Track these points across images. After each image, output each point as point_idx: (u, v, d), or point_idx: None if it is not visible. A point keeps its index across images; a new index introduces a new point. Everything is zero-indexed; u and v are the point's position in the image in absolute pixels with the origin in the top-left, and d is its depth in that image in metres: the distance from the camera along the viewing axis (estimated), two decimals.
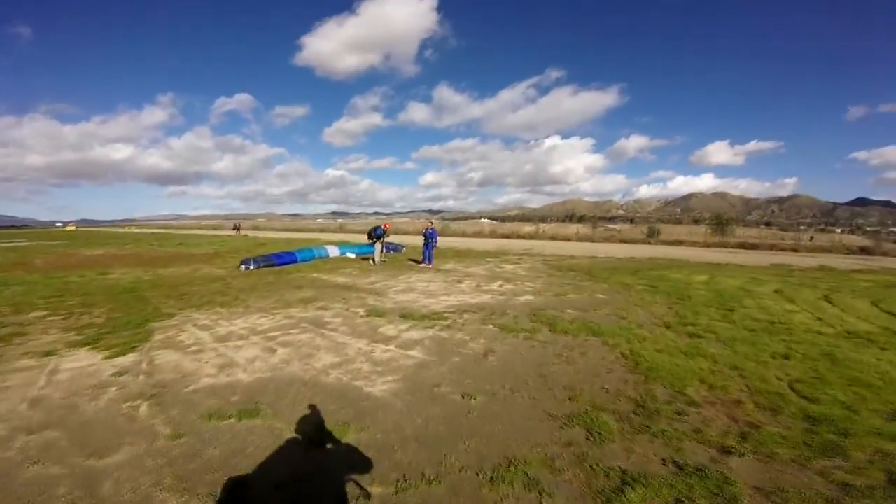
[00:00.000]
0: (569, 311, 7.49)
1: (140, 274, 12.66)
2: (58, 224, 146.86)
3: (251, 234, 45.32)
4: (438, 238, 14.96)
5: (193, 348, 5.51)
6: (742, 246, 27.44)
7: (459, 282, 10.63)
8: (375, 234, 14.94)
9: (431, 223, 15.10)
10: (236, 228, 46.55)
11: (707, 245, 28.67)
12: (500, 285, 10.15)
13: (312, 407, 3.76)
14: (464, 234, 39.11)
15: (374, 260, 14.90)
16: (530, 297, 8.65)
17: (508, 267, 13.99)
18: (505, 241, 31.90)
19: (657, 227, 37.89)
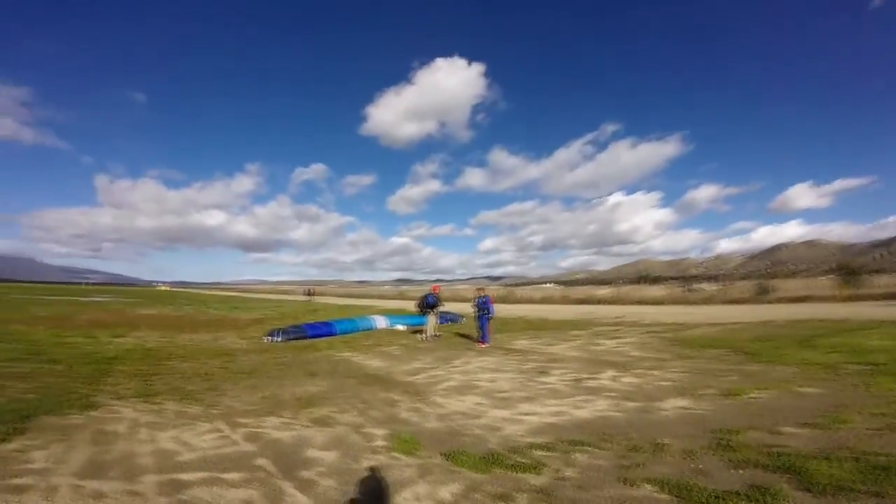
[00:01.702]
0: (790, 430, 3.68)
1: (156, 338, 11.16)
2: (156, 284, 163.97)
3: (320, 299, 43.63)
4: (494, 307, 11.14)
5: None
6: (893, 297, 20.87)
7: (543, 372, 6.99)
8: (427, 303, 11.90)
9: (481, 290, 11.59)
10: (309, 294, 44.91)
11: (844, 299, 22.28)
12: (614, 377, 6.38)
13: None
14: (531, 301, 34.89)
15: (425, 334, 11.75)
16: (683, 403, 4.85)
17: (609, 343, 10.08)
18: (583, 307, 27.37)
19: (768, 283, 31.01)
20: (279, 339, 11.06)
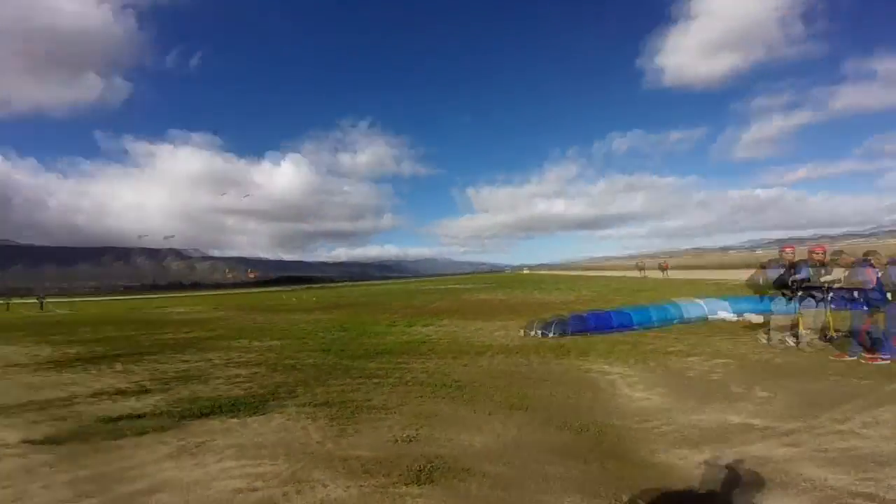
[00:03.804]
0: None
1: (451, 328, 11.50)
2: (522, 269, 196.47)
3: (671, 273, 35.99)
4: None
5: None
6: None
7: None
8: (781, 281, 6.68)
9: (867, 256, 5.25)
10: (662, 269, 37.63)
11: None
12: None
13: None
14: None
15: (789, 337, 6.57)
16: None
17: None
18: None
19: None
20: (550, 334, 9.06)
